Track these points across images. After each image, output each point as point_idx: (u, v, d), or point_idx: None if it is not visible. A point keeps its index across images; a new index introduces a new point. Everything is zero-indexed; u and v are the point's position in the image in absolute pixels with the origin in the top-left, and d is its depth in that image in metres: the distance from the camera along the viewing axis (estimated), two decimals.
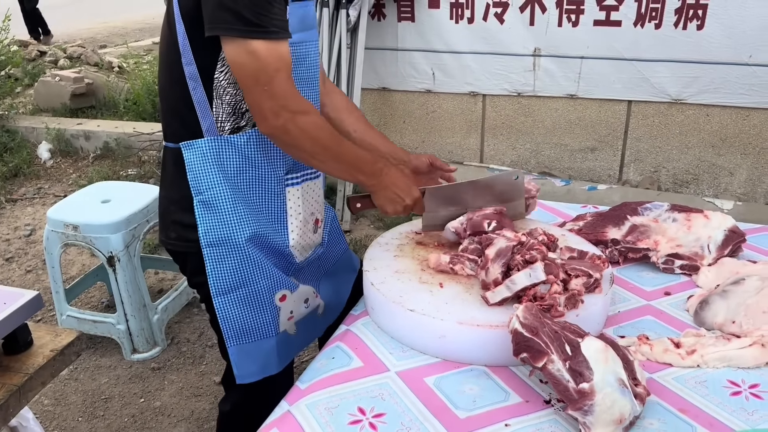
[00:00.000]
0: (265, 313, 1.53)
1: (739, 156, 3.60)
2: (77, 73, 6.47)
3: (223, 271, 1.47)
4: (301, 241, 1.59)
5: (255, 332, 1.54)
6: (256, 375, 1.57)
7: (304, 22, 1.41)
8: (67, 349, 1.42)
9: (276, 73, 1.28)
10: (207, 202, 1.43)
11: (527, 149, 4.07)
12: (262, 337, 1.55)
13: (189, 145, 1.41)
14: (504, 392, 1.24)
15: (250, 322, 1.52)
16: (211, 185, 1.43)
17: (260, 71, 1.27)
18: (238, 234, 1.45)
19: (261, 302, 1.52)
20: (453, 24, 3.82)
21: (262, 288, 1.50)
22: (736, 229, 1.70)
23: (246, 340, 1.53)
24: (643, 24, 3.44)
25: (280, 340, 1.59)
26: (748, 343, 1.30)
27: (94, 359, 2.85)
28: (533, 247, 1.39)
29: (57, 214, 2.72)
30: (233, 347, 1.53)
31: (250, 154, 1.44)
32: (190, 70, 1.36)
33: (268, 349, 1.57)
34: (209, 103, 1.39)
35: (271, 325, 1.55)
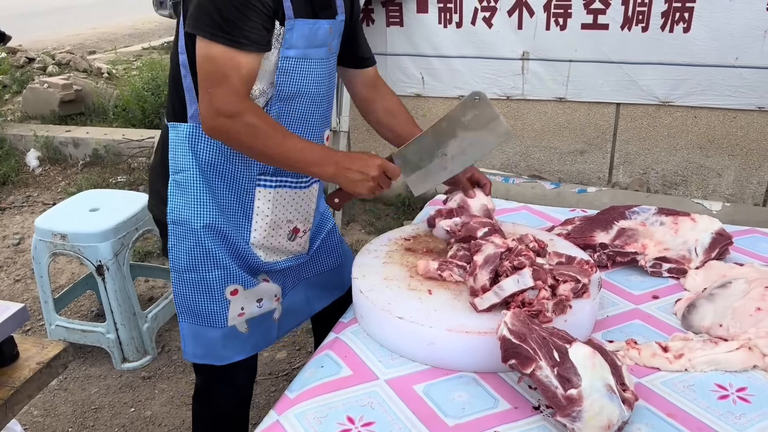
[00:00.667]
0: (214, 302, 1.58)
1: (726, 157, 3.62)
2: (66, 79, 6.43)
3: (181, 250, 1.54)
4: (265, 242, 1.62)
5: (203, 318, 1.60)
6: (200, 358, 1.64)
7: (311, 40, 1.45)
8: (53, 362, 1.40)
9: (223, 79, 1.33)
10: (179, 182, 1.51)
11: (517, 152, 4.08)
12: (209, 325, 1.60)
13: (174, 127, 1.50)
14: (493, 399, 1.24)
15: (199, 307, 1.58)
16: (185, 167, 1.50)
17: (211, 74, 1.34)
18: (197, 220, 1.52)
19: (210, 291, 1.57)
20: (441, 28, 3.83)
21: (213, 277, 1.55)
22: (722, 231, 1.71)
23: (194, 321, 1.60)
24: (630, 27, 3.46)
25: (227, 333, 1.62)
26: (735, 346, 1.30)
27: (83, 369, 2.83)
28: (521, 253, 1.39)
29: (45, 223, 2.70)
30: (183, 323, 1.61)
31: (225, 149, 1.50)
32: (183, 58, 1.44)
33: (213, 339, 1.62)
34: (196, 92, 1.43)
35: (218, 316, 1.59)
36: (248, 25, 1.31)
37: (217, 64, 1.32)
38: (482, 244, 1.45)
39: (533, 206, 2.14)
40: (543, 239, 1.58)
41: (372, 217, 4.16)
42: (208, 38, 1.32)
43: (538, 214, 2.08)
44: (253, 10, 1.31)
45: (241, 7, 1.30)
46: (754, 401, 1.21)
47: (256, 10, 1.31)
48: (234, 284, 1.58)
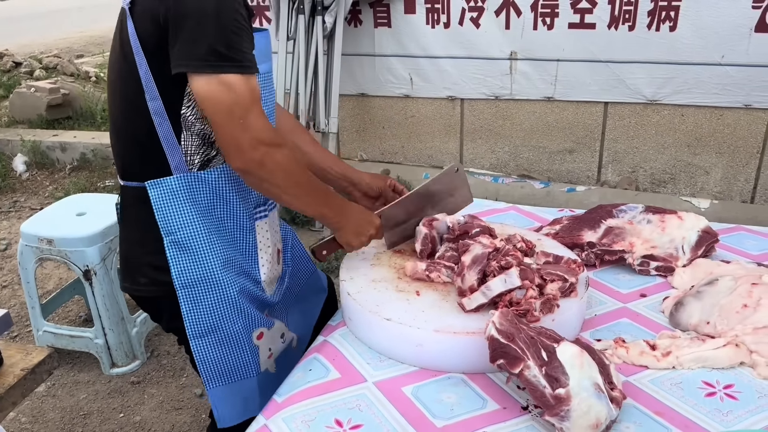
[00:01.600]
0: (245, 353, 1.48)
1: (714, 155, 3.64)
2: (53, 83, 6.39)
3: (200, 312, 1.42)
4: (270, 274, 1.56)
5: (235, 373, 1.49)
6: (239, 417, 1.52)
7: (261, 53, 1.36)
8: (38, 368, 1.39)
9: (251, 106, 1.24)
10: (179, 242, 1.37)
11: (506, 152, 4.09)
12: (243, 378, 1.51)
13: (156, 184, 1.34)
14: (481, 399, 1.24)
15: (229, 364, 1.48)
16: (184, 224, 1.37)
17: (235, 105, 1.23)
18: (215, 272, 1.40)
19: (239, 342, 1.47)
20: (429, 29, 3.83)
21: (239, 328, 1.46)
22: (709, 229, 1.71)
23: (226, 381, 1.49)
24: (617, 26, 3.48)
25: (261, 379, 1.54)
26: (722, 343, 1.31)
27: (72, 374, 2.81)
28: (508, 253, 1.39)
29: (31, 228, 2.67)
30: (213, 390, 1.48)
31: (221, 190, 1.40)
32: (155, 105, 1.30)
33: (249, 390, 1.52)
34: (177, 137, 1.33)
35: (251, 366, 1.51)
36: (244, 47, 1.24)
37: (237, 93, 1.22)
38: (470, 245, 1.45)
39: (522, 206, 2.14)
40: (531, 239, 1.58)
41: None
42: (215, 71, 1.21)
43: (526, 214, 2.08)
44: (245, 31, 1.24)
45: (238, 30, 1.22)
46: (741, 398, 1.21)
47: (245, 30, 1.25)
48: (259, 328, 1.51)
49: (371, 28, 3.95)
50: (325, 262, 1.63)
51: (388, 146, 4.35)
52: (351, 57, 4.04)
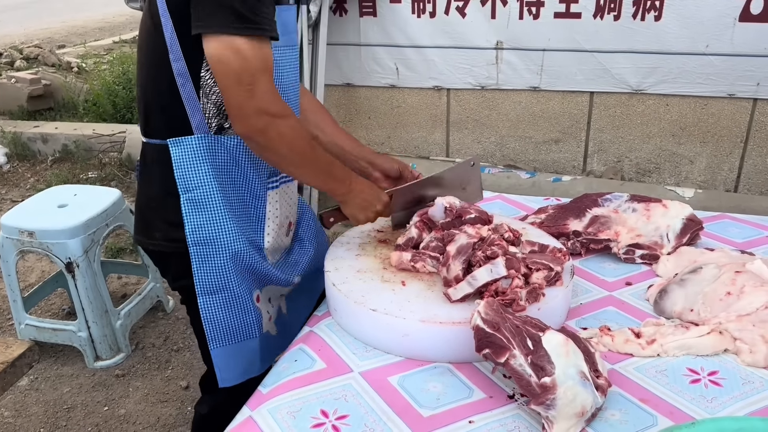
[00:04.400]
0: (249, 314, 1.52)
1: (698, 144, 3.66)
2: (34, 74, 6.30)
3: (209, 270, 1.45)
4: (274, 243, 1.58)
5: (239, 333, 1.53)
6: (239, 377, 1.56)
7: (286, 27, 1.38)
8: (18, 361, 1.37)
9: (260, 74, 1.25)
10: (195, 200, 1.41)
11: (492, 142, 4.08)
12: (246, 338, 1.54)
13: (178, 142, 1.38)
14: (468, 389, 1.24)
15: (234, 324, 1.51)
16: (201, 183, 1.40)
17: (243, 71, 1.23)
18: (227, 232, 1.44)
19: (244, 303, 1.50)
20: (415, 18, 3.81)
21: (243, 290, 1.50)
22: (693, 217, 1.72)
23: (230, 341, 1.52)
24: (603, 15, 3.47)
25: (263, 340, 1.58)
26: (706, 330, 1.31)
27: (55, 368, 2.78)
28: (494, 243, 1.38)
29: (11, 221, 2.64)
30: (217, 349, 1.51)
31: (238, 156, 1.43)
32: (179, 66, 1.33)
33: (251, 351, 1.56)
34: (198, 99, 1.36)
35: (254, 326, 1.54)
36: (264, 12, 1.23)
37: (247, 59, 1.22)
38: (455, 234, 1.44)
39: (507, 195, 2.14)
40: (516, 228, 1.57)
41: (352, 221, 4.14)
42: (231, 33, 1.20)
43: (512, 203, 2.08)
44: None
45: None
46: (725, 384, 1.22)
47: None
48: (256, 290, 1.55)
49: (356, 17, 3.92)
50: (330, 229, 1.65)
51: (375, 136, 4.33)
52: (336, 46, 4.00)
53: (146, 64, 1.41)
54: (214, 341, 1.50)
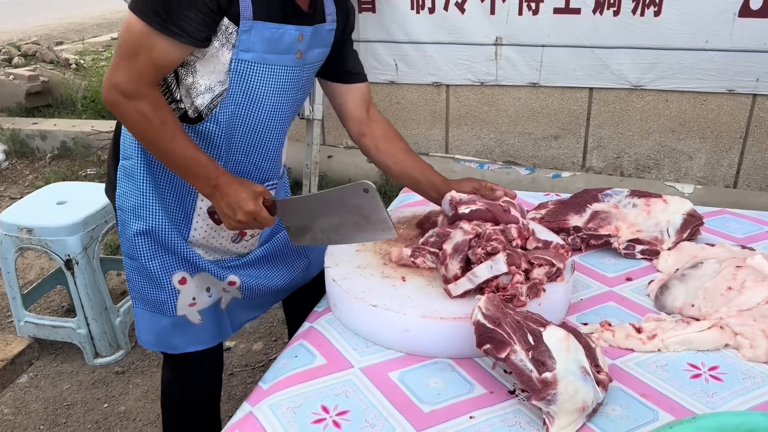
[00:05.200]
0: (161, 291, 1.55)
1: (698, 140, 3.66)
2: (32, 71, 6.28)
3: (126, 235, 1.53)
4: (205, 242, 1.59)
5: (152, 304, 1.57)
6: (153, 345, 1.63)
7: (274, 45, 1.38)
8: (18, 358, 1.37)
9: (132, 55, 1.28)
10: (126, 168, 1.49)
11: (491, 139, 4.08)
12: (159, 313, 1.58)
13: None
14: (468, 384, 1.24)
15: (148, 293, 1.56)
16: (132, 154, 1.48)
17: (124, 45, 1.30)
18: (139, 208, 1.49)
19: (157, 279, 1.54)
20: (414, 14, 3.80)
21: (155, 266, 1.53)
22: (694, 212, 1.72)
23: (145, 307, 1.58)
24: (602, 11, 3.47)
25: (177, 323, 1.59)
26: (706, 325, 1.31)
27: (55, 365, 2.78)
28: (491, 238, 1.38)
29: (10, 218, 2.63)
30: (136, 308, 1.58)
31: None
32: None
33: (164, 327, 1.59)
34: None
35: (167, 305, 1.56)
36: (187, 15, 1.25)
37: (132, 37, 1.27)
38: (450, 233, 1.43)
39: None
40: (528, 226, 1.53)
41: None
42: (138, 16, 1.26)
43: None
44: (196, 2, 1.25)
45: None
46: (726, 379, 1.22)
47: (199, 3, 1.25)
48: (180, 272, 1.55)
49: (356, 13, 3.91)
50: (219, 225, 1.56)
51: None
52: None
53: None
54: (135, 300, 1.58)
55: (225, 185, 1.39)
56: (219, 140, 1.47)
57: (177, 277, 1.55)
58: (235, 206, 1.39)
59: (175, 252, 1.54)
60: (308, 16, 1.43)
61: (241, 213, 1.39)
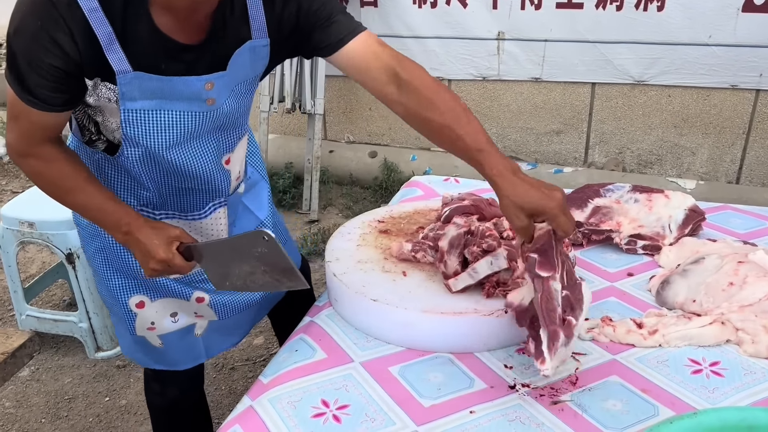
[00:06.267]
0: (120, 308, 1.54)
1: (700, 136, 3.65)
2: None
3: (87, 252, 1.55)
4: None
5: (115, 317, 1.59)
6: (125, 351, 1.67)
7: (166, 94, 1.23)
8: (18, 351, 1.37)
9: (15, 119, 1.22)
10: None
11: (493, 133, 4.07)
12: (122, 326, 1.59)
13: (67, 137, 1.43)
14: (469, 379, 1.24)
15: (111, 307, 1.58)
16: None
17: (9, 109, 1.22)
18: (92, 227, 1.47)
19: (115, 297, 1.53)
20: (416, 8, 3.79)
21: (115, 285, 1.52)
22: (696, 208, 1.71)
23: (113, 316, 1.61)
24: (605, 6, 3.46)
25: (138, 341, 1.59)
26: (708, 321, 1.31)
27: (56, 359, 2.78)
28: (485, 234, 1.37)
29: (11, 212, 2.63)
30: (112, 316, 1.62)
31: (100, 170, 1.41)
32: None
33: (128, 340, 1.60)
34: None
35: (126, 323, 1.56)
36: (35, 82, 1.14)
37: (10, 100, 1.20)
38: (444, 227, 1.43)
39: None
40: None
41: (349, 200, 4.13)
42: (6, 79, 1.19)
43: None
44: (40, 70, 1.13)
45: (31, 62, 1.12)
46: (727, 375, 1.21)
47: (41, 71, 1.13)
48: (137, 295, 1.51)
49: (357, 7, 3.90)
50: None
51: (375, 128, 4.32)
52: None
53: None
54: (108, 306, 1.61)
55: (136, 231, 1.30)
56: (140, 172, 1.35)
57: (134, 300, 1.51)
58: (146, 254, 1.30)
59: (132, 276, 1.49)
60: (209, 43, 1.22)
61: (154, 261, 1.30)
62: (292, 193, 4.12)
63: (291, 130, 4.57)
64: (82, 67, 1.15)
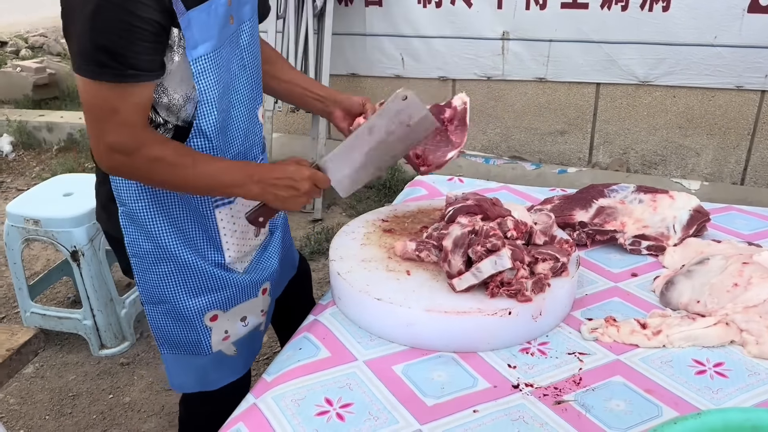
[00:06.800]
0: (193, 331, 1.48)
1: (705, 136, 3.64)
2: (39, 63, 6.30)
3: (151, 281, 1.43)
4: (238, 254, 1.52)
5: (186, 347, 1.50)
6: (191, 388, 1.54)
7: (214, 23, 1.27)
8: (24, 348, 1.37)
9: (112, 114, 1.19)
10: (130, 214, 1.38)
11: (497, 134, 4.07)
12: (194, 354, 1.50)
13: None
14: (472, 378, 1.24)
15: (179, 337, 1.48)
16: (133, 199, 1.36)
17: (98, 109, 1.20)
18: (167, 247, 1.40)
19: (190, 321, 1.47)
20: (421, 8, 3.79)
21: (190, 306, 1.45)
22: (700, 208, 1.71)
23: (177, 351, 1.50)
24: (610, 6, 3.45)
25: (214, 359, 1.53)
26: (712, 322, 1.31)
27: (60, 356, 2.79)
28: (489, 234, 1.36)
29: (17, 209, 2.64)
30: (166, 354, 1.50)
31: None
32: None
33: (201, 366, 1.52)
34: None
35: (201, 345, 1.50)
36: (135, 51, 1.15)
37: (98, 99, 1.18)
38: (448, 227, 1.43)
39: (513, 186, 2.13)
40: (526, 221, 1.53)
41: (353, 200, 4.13)
42: (92, 78, 1.16)
43: (517, 193, 2.07)
44: (138, 34, 1.14)
45: (125, 33, 1.13)
46: (731, 376, 1.21)
47: (141, 33, 1.14)
48: (213, 310, 1.49)
49: (362, 7, 3.90)
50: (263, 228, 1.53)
51: None
52: (342, 36, 3.99)
53: None
54: (162, 347, 1.49)
55: (267, 173, 1.33)
56: (213, 142, 1.37)
57: (208, 316, 1.49)
58: (293, 182, 1.33)
59: (206, 290, 1.47)
60: None
61: (304, 183, 1.34)
62: None
63: (295, 129, 4.57)
64: (171, 14, 1.18)
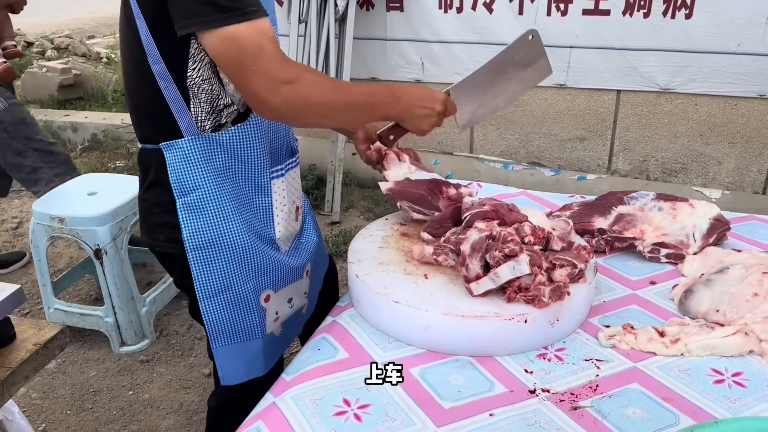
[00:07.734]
0: (252, 315, 1.51)
1: (727, 145, 3.61)
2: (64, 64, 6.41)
3: (210, 273, 1.44)
4: (285, 231, 1.56)
5: (242, 334, 1.52)
6: (242, 377, 1.56)
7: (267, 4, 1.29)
8: (50, 343, 1.40)
9: (259, 50, 1.18)
10: (191, 204, 1.39)
11: (517, 139, 4.07)
12: (249, 339, 1.53)
13: (170, 146, 1.35)
14: (489, 382, 1.24)
15: (236, 324, 1.50)
16: (197, 186, 1.37)
17: (243, 54, 1.19)
18: (228, 233, 1.41)
19: (248, 304, 1.49)
20: (442, 13, 3.81)
21: (248, 290, 1.48)
22: (721, 217, 1.70)
23: (232, 341, 1.52)
24: (632, 13, 3.44)
25: (266, 341, 1.57)
26: (731, 331, 1.30)
27: (82, 352, 2.84)
28: (507, 239, 1.37)
29: (43, 207, 2.70)
30: (219, 348, 1.51)
31: (236, 150, 1.39)
32: (159, 68, 1.29)
33: (254, 351, 1.55)
34: (185, 101, 1.32)
35: (257, 328, 1.53)
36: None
37: (241, 42, 1.18)
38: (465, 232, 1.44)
39: (532, 192, 2.14)
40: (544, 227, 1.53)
41: (371, 203, 4.15)
42: (218, 26, 1.16)
43: (536, 199, 2.08)
44: None
45: None
46: (749, 386, 1.21)
47: None
48: (266, 290, 1.52)
49: (383, 11, 3.93)
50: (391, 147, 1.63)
51: None
52: (362, 41, 4.02)
53: (129, 68, 1.37)
54: (217, 341, 1.50)
55: (408, 93, 1.40)
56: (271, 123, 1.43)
57: (263, 296, 1.52)
58: (428, 102, 1.41)
59: (261, 272, 1.49)
60: None
61: (439, 104, 1.43)
62: (314, 194, 4.16)
63: (314, 132, 4.60)
64: None
